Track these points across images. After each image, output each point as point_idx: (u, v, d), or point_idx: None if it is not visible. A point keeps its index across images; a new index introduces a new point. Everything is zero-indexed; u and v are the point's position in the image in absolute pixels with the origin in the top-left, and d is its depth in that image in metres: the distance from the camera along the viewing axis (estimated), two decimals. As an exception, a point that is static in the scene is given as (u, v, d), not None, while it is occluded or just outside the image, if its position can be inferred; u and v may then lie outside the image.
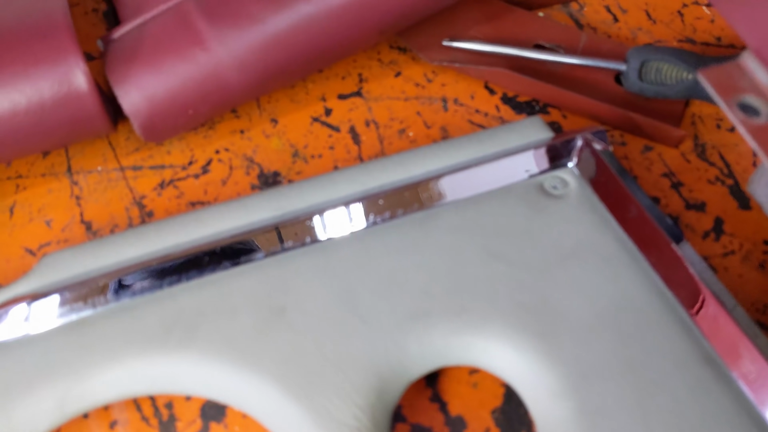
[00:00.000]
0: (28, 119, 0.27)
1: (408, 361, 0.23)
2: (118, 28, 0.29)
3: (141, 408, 0.25)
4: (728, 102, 0.20)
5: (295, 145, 0.31)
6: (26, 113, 0.27)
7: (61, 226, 0.29)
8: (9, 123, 0.27)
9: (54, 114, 0.27)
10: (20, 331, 0.24)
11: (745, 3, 0.20)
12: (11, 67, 0.26)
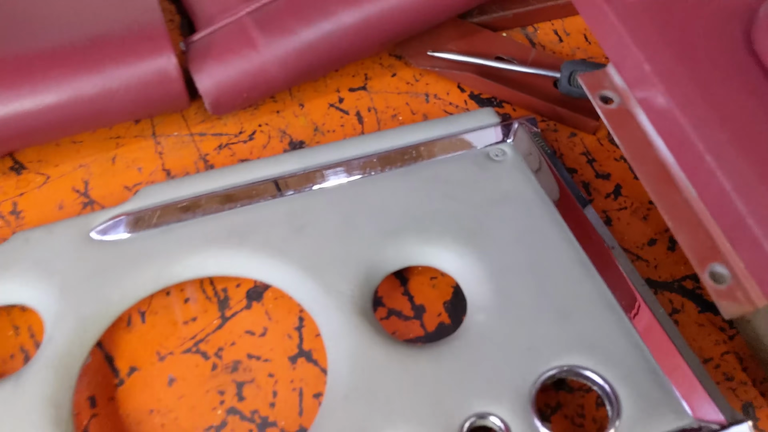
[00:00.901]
0: (132, 95, 0.39)
1: (386, 259, 0.35)
2: (195, 34, 0.41)
3: (205, 290, 0.37)
4: (593, 94, 0.32)
5: (316, 123, 0.43)
6: (132, 91, 0.39)
7: (149, 172, 0.41)
8: (120, 98, 0.39)
9: (151, 92, 0.39)
10: (126, 235, 0.36)
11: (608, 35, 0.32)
12: (125, 59, 0.38)
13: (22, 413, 0.30)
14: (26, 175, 0.41)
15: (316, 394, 0.34)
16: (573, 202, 0.37)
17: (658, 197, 0.29)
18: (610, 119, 0.31)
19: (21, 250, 0.35)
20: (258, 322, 0.36)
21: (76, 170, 0.41)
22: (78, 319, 0.33)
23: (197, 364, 0.35)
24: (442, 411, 0.29)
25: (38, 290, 0.34)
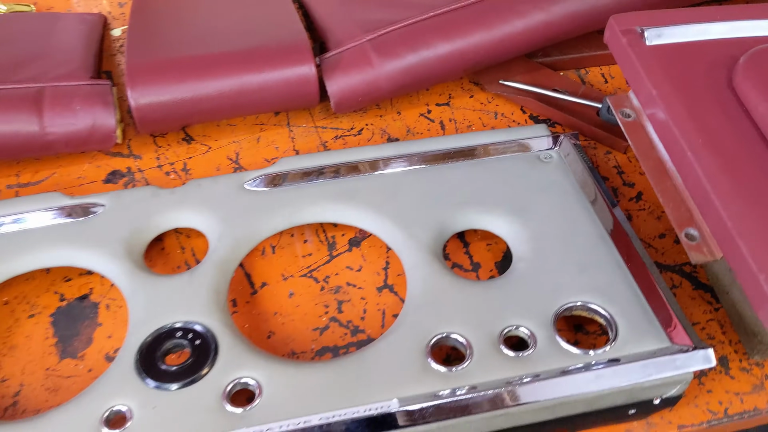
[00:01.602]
0: (279, 93, 0.53)
1: (455, 221, 0.47)
2: (326, 53, 0.55)
3: (319, 235, 0.50)
4: (617, 111, 0.44)
5: (409, 126, 0.56)
6: (279, 89, 0.53)
7: (283, 151, 0.55)
8: (269, 94, 0.53)
9: (293, 91, 0.53)
10: (266, 189, 0.49)
11: (630, 69, 0.44)
12: (278, 65, 0.52)
13: (196, 293, 0.43)
14: (194, 145, 0.55)
15: (394, 314, 0.46)
16: (603, 200, 0.48)
17: (656, 183, 0.40)
18: (627, 128, 0.43)
19: (195, 192, 0.49)
20: (356, 261, 0.49)
21: (230, 144, 0.55)
22: (233, 239, 0.46)
23: (310, 285, 0.48)
24: (487, 321, 0.41)
25: (206, 218, 0.47)
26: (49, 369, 0.44)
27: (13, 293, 0.48)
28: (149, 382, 0.39)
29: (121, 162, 0.54)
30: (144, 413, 0.38)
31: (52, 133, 0.50)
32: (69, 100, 0.51)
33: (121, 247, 0.46)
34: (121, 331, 0.46)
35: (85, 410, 0.38)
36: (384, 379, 0.39)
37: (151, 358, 0.40)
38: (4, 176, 0.54)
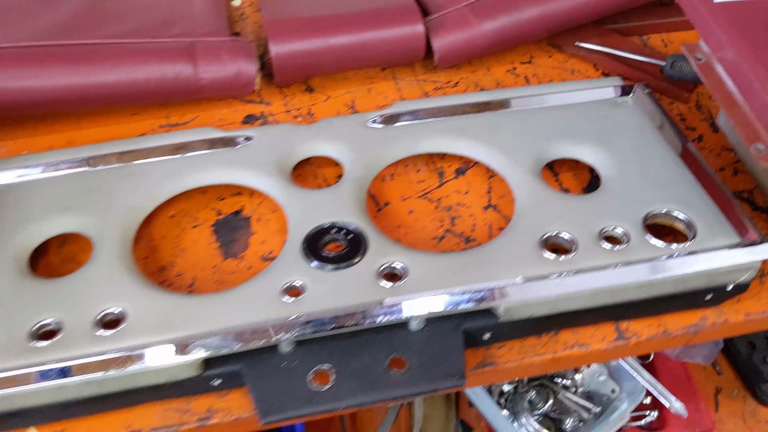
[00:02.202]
0: (389, 49, 0.62)
1: (549, 150, 0.56)
2: (430, 16, 0.64)
3: (429, 165, 0.59)
4: (691, 56, 0.53)
5: (498, 81, 0.65)
6: (390, 46, 0.62)
7: (391, 100, 0.64)
8: (381, 50, 0.62)
9: (403, 48, 0.62)
10: (382, 126, 0.58)
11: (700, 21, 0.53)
12: (391, 25, 0.61)
13: (342, 201, 0.52)
14: (315, 94, 0.64)
15: (500, 228, 0.55)
16: (674, 134, 0.57)
17: (728, 110, 0.49)
18: (700, 69, 0.52)
19: (327, 127, 0.58)
20: (462, 186, 0.58)
21: (346, 94, 0.64)
22: (363, 163, 0.55)
23: (425, 205, 0.57)
24: (588, 223, 0.50)
25: (340, 148, 0.56)
26: (215, 267, 0.53)
27: (177, 209, 0.57)
28: (316, 263, 0.48)
29: (255, 108, 0.63)
30: (316, 286, 0.47)
31: (204, 79, 0.59)
32: (217, 51, 0.60)
33: (273, 167, 0.55)
34: (272, 238, 0.55)
35: (268, 284, 0.47)
36: (506, 264, 0.48)
37: (314, 247, 0.49)
38: (156, 118, 0.63)
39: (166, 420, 0.47)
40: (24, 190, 0.53)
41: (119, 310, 0.46)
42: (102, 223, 0.51)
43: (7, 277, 0.47)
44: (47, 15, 0.62)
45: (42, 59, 0.57)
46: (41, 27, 0.60)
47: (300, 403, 0.43)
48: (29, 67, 0.56)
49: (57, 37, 0.59)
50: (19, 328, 0.45)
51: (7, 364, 0.43)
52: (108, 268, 0.48)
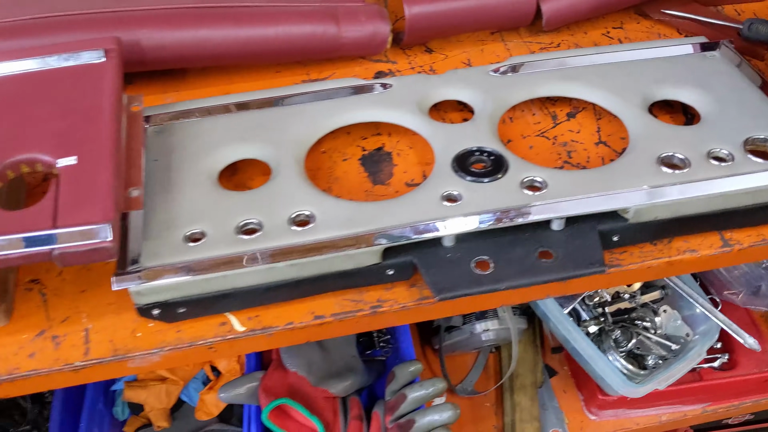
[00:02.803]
0: (504, 12, 0.71)
1: (654, 94, 0.64)
2: (532, -13, 0.73)
3: (542, 110, 0.67)
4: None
5: (595, 42, 0.74)
6: (506, 10, 0.71)
7: (504, 58, 0.72)
8: (493, 14, 0.71)
9: (515, 11, 0.71)
10: (498, 75, 0.67)
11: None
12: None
13: (480, 132, 0.60)
14: (434, 55, 0.73)
15: (611, 160, 0.63)
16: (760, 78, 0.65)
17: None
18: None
19: (455, 75, 0.66)
20: (574, 127, 0.66)
21: (461, 54, 0.73)
22: (491, 104, 0.64)
23: (543, 141, 0.65)
24: (696, 146, 0.58)
25: (469, 92, 0.65)
26: (367, 191, 0.62)
27: (327, 147, 0.65)
28: (467, 177, 0.56)
29: (383, 65, 0.73)
30: (469, 194, 0.55)
31: (345, 38, 0.69)
32: (357, 14, 0.69)
33: (415, 106, 0.63)
34: (412, 168, 0.63)
35: (428, 194, 0.55)
36: (631, 177, 0.56)
37: (463, 165, 0.57)
38: (297, 75, 0.72)
39: (344, 308, 0.55)
40: (206, 125, 0.62)
41: (308, 213, 0.54)
42: (276, 151, 0.60)
43: (208, 189, 0.56)
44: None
45: (209, 18, 0.66)
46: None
47: (468, 284, 0.52)
48: (199, 25, 0.66)
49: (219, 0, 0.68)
50: (227, 225, 0.53)
51: (221, 252, 0.52)
52: (291, 182, 0.57)
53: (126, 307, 0.55)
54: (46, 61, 0.55)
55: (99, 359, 0.52)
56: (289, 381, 0.74)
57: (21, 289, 0.56)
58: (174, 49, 0.65)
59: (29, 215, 0.46)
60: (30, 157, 0.49)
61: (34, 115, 0.52)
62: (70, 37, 0.61)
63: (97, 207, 0.47)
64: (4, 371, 0.51)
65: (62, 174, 0.49)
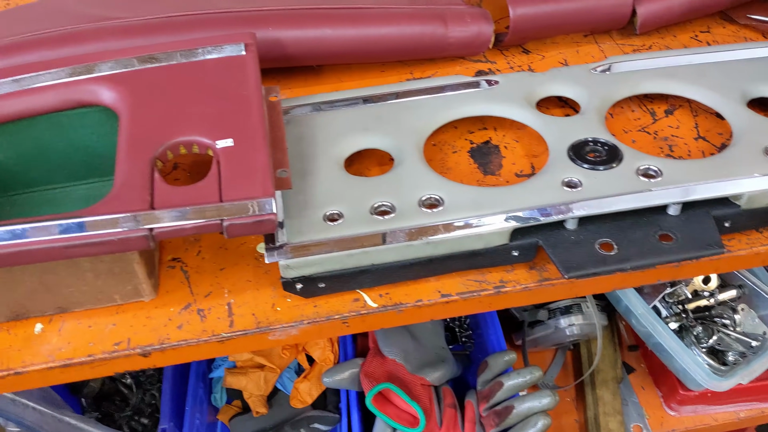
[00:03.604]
0: (601, 15, 0.74)
1: (747, 92, 0.67)
2: (624, -8, 0.76)
3: (640, 107, 0.70)
4: None
5: (684, 44, 0.77)
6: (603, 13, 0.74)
7: (598, 59, 0.75)
8: (595, 16, 0.74)
9: (611, 14, 0.74)
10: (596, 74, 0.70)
11: None
12: None
13: (592, 124, 0.63)
14: (531, 56, 0.77)
15: (711, 154, 0.66)
16: None
17: None
18: None
19: (559, 73, 0.70)
20: (673, 123, 0.69)
21: (558, 55, 0.77)
22: (597, 100, 0.67)
23: (645, 136, 0.68)
24: None
25: (575, 88, 0.68)
26: (479, 180, 0.65)
27: (437, 140, 0.69)
28: (584, 165, 0.59)
29: (483, 65, 0.76)
30: (588, 181, 0.58)
31: (451, 38, 0.72)
32: (463, 16, 0.73)
33: (523, 101, 0.67)
34: (520, 160, 0.66)
35: (548, 180, 0.58)
36: (740, 166, 0.59)
37: (579, 154, 0.60)
38: (402, 74, 0.76)
39: (468, 287, 0.58)
40: (331, 117, 0.65)
41: (437, 196, 0.57)
42: (398, 141, 0.63)
43: (339, 174, 0.60)
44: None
45: (328, 19, 0.70)
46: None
47: (595, 263, 0.54)
48: (320, 25, 0.70)
49: (335, 2, 0.72)
50: (362, 207, 0.57)
51: (360, 231, 0.55)
52: (416, 169, 0.60)
53: (264, 284, 0.58)
54: (194, 53, 0.59)
55: (243, 331, 0.55)
56: (387, 368, 0.77)
57: (164, 267, 0.59)
58: (294, 48, 0.69)
59: (197, 190, 0.50)
60: (189, 139, 0.53)
61: (189, 102, 0.56)
62: (208, 33, 0.65)
63: (258, 183, 0.50)
64: (156, 341, 0.55)
65: (221, 154, 0.52)
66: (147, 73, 0.58)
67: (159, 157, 0.53)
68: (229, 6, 0.70)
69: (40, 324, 0.55)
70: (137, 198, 0.49)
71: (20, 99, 0.56)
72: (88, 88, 0.57)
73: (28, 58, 0.64)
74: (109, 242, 0.47)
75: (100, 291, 0.54)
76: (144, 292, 0.55)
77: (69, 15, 0.68)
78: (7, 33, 0.68)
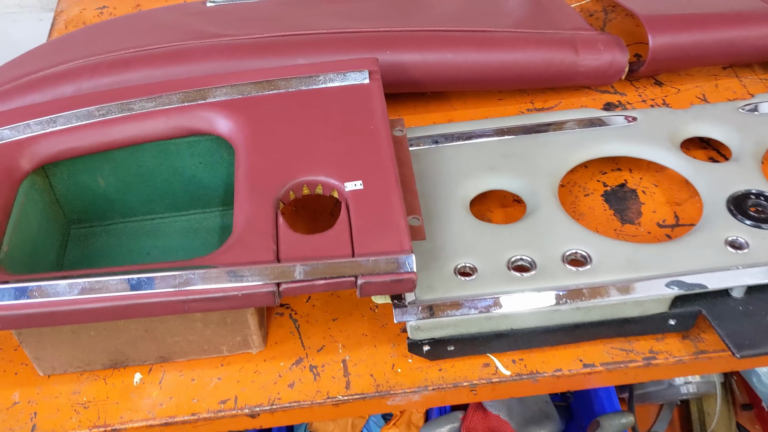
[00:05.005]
0: (747, 48, 0.66)
1: None
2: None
3: (800, 152, 0.62)
4: None
5: None
6: (751, 46, 0.66)
7: (740, 94, 0.68)
8: (740, 49, 0.67)
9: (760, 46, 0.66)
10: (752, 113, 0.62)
11: None
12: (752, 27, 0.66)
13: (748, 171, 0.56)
14: (665, 88, 0.70)
15: None
16: None
17: None
18: None
19: (703, 111, 0.62)
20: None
21: (694, 88, 0.69)
22: (751, 144, 0.59)
23: None
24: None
25: (723, 129, 0.61)
26: (616, 230, 0.58)
27: (566, 180, 0.62)
28: (747, 221, 0.52)
29: (611, 97, 0.69)
30: (756, 241, 0.51)
31: (582, 66, 0.66)
32: (595, 43, 0.66)
33: (668, 142, 0.60)
34: (662, 208, 0.59)
35: (709, 238, 0.51)
36: None
37: (741, 208, 0.53)
38: (521, 103, 0.69)
39: (614, 357, 0.51)
40: (452, 153, 0.59)
41: (583, 252, 0.51)
42: (529, 183, 0.57)
43: (467, 219, 0.53)
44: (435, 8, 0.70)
45: (452, 42, 0.64)
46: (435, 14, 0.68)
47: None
48: (443, 49, 0.64)
49: (454, 23, 0.66)
50: (498, 260, 0.50)
51: (497, 289, 0.49)
52: (554, 218, 0.53)
53: (381, 339, 0.52)
54: (315, 80, 0.54)
55: (361, 394, 0.50)
56: (491, 424, 0.70)
57: (272, 313, 0.54)
58: (412, 72, 0.64)
59: (327, 241, 0.44)
60: (315, 179, 0.48)
61: (312, 135, 0.50)
62: (323, 56, 0.60)
63: (394, 236, 0.44)
64: (265, 400, 0.49)
65: (350, 198, 0.47)
66: (265, 101, 0.53)
67: (282, 198, 0.47)
68: (344, 26, 0.64)
69: (139, 374, 0.51)
70: (262, 246, 0.44)
71: (127, 125, 0.52)
72: (201, 116, 0.52)
73: (133, 77, 0.60)
74: (233, 298, 0.42)
75: (208, 341, 0.49)
76: (253, 344, 0.50)
77: (174, 30, 0.63)
78: (105, 48, 0.64)
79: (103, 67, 0.60)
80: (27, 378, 0.50)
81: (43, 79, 0.61)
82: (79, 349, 0.47)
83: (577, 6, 0.80)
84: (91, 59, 0.62)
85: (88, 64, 0.61)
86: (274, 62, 0.59)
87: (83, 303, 0.41)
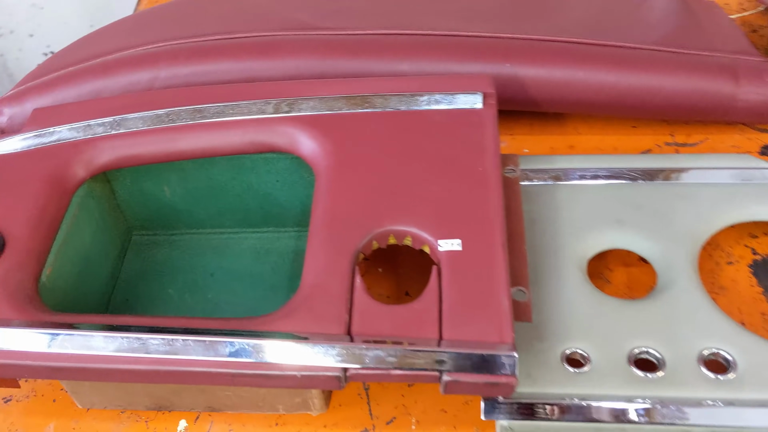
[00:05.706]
0: None
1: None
2: None
3: None
4: None
5: None
6: None
7: None
8: None
9: None
10: None
11: None
12: None
13: None
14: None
15: None
16: None
17: None
18: None
19: None
20: None
21: None
22: None
23: None
24: None
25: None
26: (764, 314, 0.47)
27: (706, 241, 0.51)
28: None
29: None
30: None
31: (741, 100, 0.54)
32: (760, 71, 0.54)
33: None
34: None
35: None
36: None
37: None
38: (659, 134, 0.58)
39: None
40: (572, 195, 0.49)
41: (727, 355, 0.41)
42: (663, 246, 0.46)
43: (582, 287, 0.44)
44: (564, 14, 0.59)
45: (580, 57, 0.54)
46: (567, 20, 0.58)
47: None
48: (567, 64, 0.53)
49: (589, 35, 0.56)
50: (617, 349, 0.41)
51: (615, 392, 0.39)
52: (693, 300, 0.43)
53: (463, 420, 0.44)
54: (416, 100, 0.45)
55: (432, 484, 0.42)
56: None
57: (339, 366, 0.47)
58: (533, 91, 0.54)
59: (410, 315, 0.36)
60: (404, 229, 0.40)
61: (407, 171, 0.42)
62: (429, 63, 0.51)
63: (493, 321, 0.36)
64: (321, 474, 0.43)
65: (444, 260, 0.38)
66: (356, 121, 0.45)
67: (363, 249, 0.39)
68: (458, 27, 0.55)
69: (185, 421, 0.45)
70: (332, 315, 0.36)
71: (198, 135, 0.45)
72: (282, 131, 0.45)
73: (214, 68, 0.53)
74: (290, 378, 0.35)
75: (263, 399, 0.42)
76: (314, 406, 0.43)
77: (265, 17, 0.56)
78: (189, 31, 0.57)
79: (183, 55, 0.54)
80: (65, 408, 0.46)
81: (120, 61, 0.55)
82: (120, 389, 0.42)
83: (737, 18, 0.67)
84: (173, 43, 0.55)
85: (168, 50, 0.54)
86: (374, 66, 0.51)
87: (118, 362, 0.35)
